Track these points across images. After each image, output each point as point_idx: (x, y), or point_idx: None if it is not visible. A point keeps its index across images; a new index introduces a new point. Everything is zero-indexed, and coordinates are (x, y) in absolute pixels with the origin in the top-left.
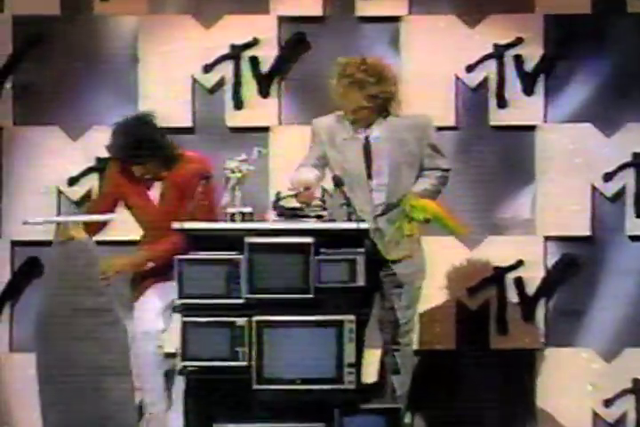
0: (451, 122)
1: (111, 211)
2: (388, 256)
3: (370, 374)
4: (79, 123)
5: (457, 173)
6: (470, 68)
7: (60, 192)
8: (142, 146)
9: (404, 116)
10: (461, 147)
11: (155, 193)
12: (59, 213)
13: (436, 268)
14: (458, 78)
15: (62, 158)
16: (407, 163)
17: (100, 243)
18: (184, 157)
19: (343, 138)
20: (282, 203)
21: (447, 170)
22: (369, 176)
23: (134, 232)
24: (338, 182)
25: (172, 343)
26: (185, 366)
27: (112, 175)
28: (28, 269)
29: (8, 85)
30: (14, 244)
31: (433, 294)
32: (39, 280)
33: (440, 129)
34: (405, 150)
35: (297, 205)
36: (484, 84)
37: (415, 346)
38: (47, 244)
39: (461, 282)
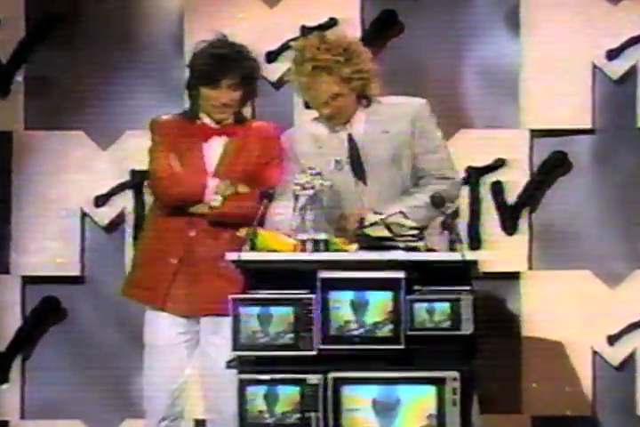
0: (586, 123)
1: None
2: None
3: None
4: (110, 127)
5: (593, 188)
6: (613, 55)
7: (84, 215)
8: (254, 63)
9: (391, 101)
10: (600, 155)
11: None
12: (82, 242)
13: (566, 310)
14: (596, 67)
15: (88, 172)
16: (394, 162)
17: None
18: (254, 121)
19: (318, 142)
20: (367, 231)
21: (449, 178)
22: (362, 182)
23: None
24: (438, 203)
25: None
26: None
27: (165, 132)
28: (43, 313)
29: (19, 78)
30: (26, 280)
31: (562, 343)
32: (58, 328)
33: (572, 132)
34: (392, 146)
35: (386, 234)
36: (630, 74)
37: (537, 411)
38: (67, 280)
39: (599, 329)
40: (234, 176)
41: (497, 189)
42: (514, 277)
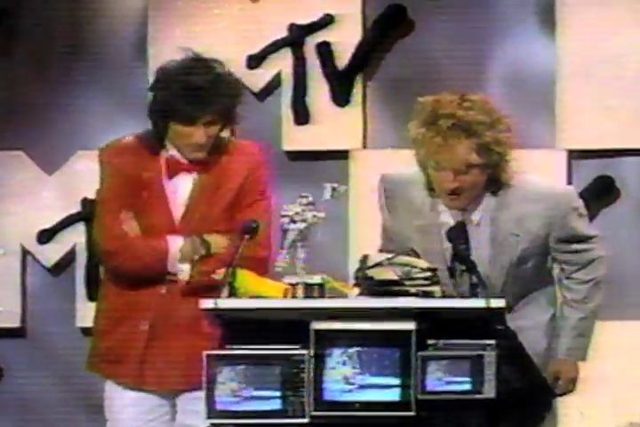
0: (637, 142)
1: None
2: None
3: None
4: (57, 147)
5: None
6: None
7: (26, 253)
8: (236, 88)
9: (527, 188)
10: None
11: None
12: (23, 287)
13: (617, 368)
14: None
15: (30, 201)
16: (515, 266)
17: None
18: (232, 143)
19: (416, 217)
20: (369, 273)
21: (599, 258)
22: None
23: None
24: (452, 237)
25: None
26: None
27: (118, 165)
28: None
29: None
30: None
31: (610, 406)
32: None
33: (620, 153)
34: (517, 251)
35: (393, 277)
36: None
37: None
38: (5, 333)
39: None
40: (207, 225)
41: None
42: None
